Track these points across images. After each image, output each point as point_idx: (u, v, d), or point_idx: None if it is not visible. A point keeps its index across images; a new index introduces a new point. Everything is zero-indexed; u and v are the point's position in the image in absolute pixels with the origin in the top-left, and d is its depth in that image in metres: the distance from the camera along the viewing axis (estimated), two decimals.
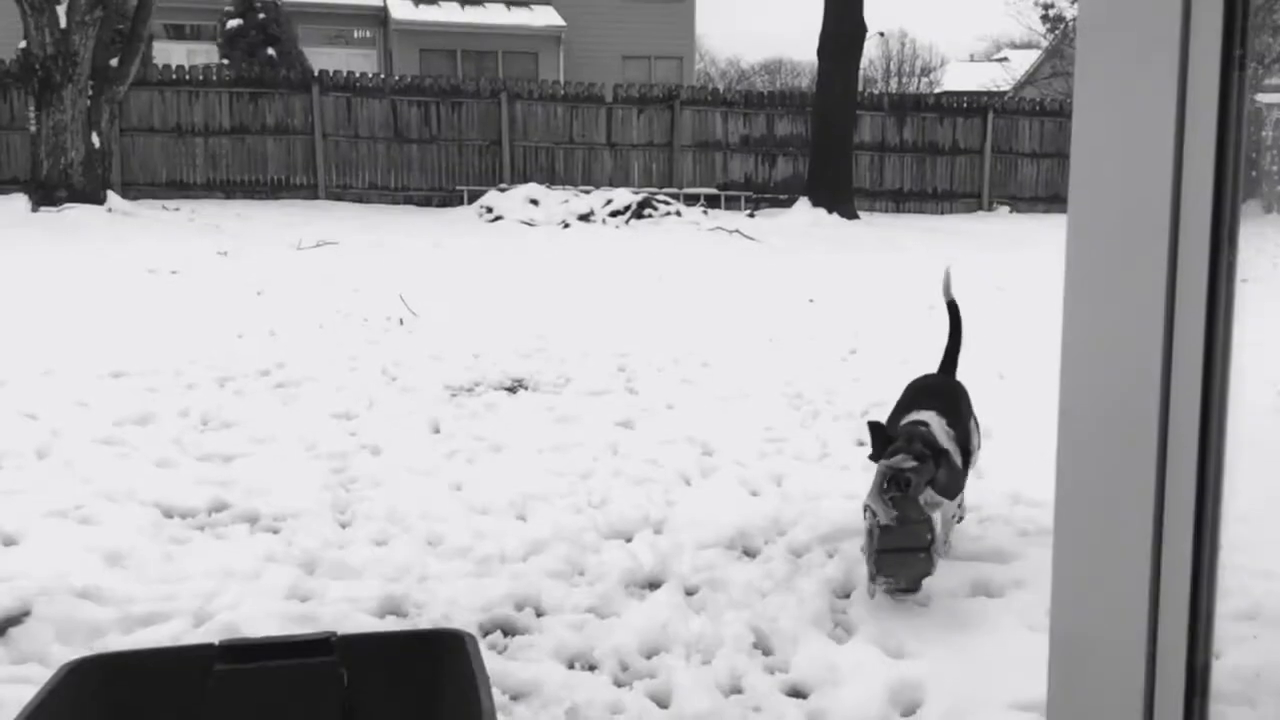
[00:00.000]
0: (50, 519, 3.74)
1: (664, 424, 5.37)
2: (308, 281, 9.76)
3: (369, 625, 3.10)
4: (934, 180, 20.74)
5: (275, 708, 1.81)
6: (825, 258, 13.17)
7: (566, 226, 15.59)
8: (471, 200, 17.65)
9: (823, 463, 4.82)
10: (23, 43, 14.33)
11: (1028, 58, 42.62)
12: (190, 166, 17.86)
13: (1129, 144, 1.00)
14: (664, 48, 29.55)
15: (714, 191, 19.34)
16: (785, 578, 3.46)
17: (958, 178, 20.80)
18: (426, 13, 28.01)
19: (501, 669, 2.83)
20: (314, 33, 27.57)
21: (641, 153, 19.50)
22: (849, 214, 17.87)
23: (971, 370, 6.75)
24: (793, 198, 18.71)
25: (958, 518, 3.83)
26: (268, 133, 18.11)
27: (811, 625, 3.11)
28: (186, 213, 15.32)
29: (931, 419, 3.41)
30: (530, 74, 26.32)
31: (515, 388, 6.12)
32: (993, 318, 8.55)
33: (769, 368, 6.73)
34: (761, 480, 4.52)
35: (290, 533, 3.77)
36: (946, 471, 3.21)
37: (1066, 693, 1.11)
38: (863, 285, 10.67)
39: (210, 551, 3.59)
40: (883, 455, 3.19)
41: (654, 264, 11.86)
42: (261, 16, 22.00)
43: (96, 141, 14.64)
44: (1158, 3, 0.98)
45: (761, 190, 19.84)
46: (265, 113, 18.09)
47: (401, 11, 27.86)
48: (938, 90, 44.24)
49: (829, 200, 17.80)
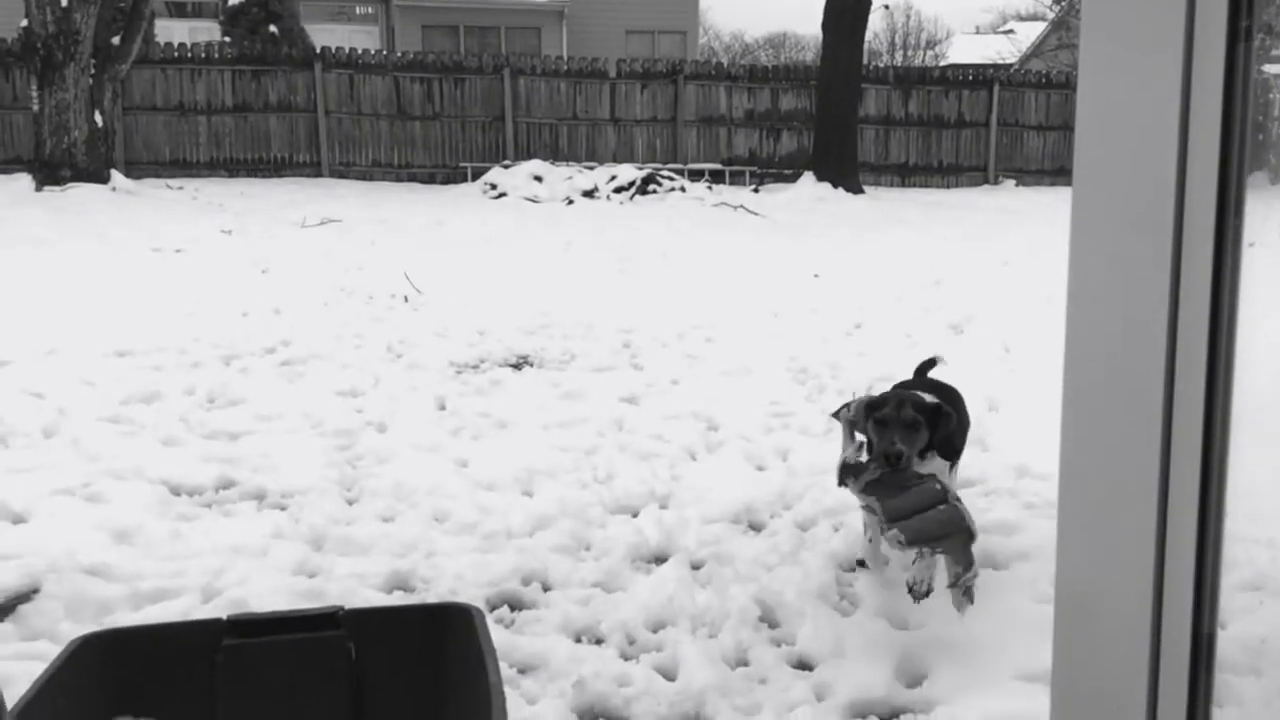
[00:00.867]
0: (58, 497, 3.75)
1: (669, 399, 5.37)
2: (312, 259, 9.75)
3: (376, 600, 3.12)
4: (939, 154, 20.64)
5: (283, 681, 1.82)
6: (830, 233, 13.13)
7: (570, 203, 15.55)
8: (475, 177, 17.60)
9: (828, 437, 4.82)
10: (24, 21, 14.28)
11: (1034, 30, 42.34)
12: (193, 145, 17.81)
13: (1134, 115, 1.00)
14: (667, 22, 29.35)
15: (718, 167, 19.26)
16: (791, 551, 3.47)
17: (963, 151, 20.69)
18: None
19: (509, 643, 2.85)
20: (316, 9, 27.43)
21: (645, 128, 19.42)
22: (854, 188, 17.80)
23: (978, 345, 6.77)
24: (797, 172, 18.63)
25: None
26: (270, 110, 18.05)
27: (817, 598, 3.12)
28: (190, 191, 15.30)
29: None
30: (533, 49, 26.18)
31: (520, 364, 6.13)
32: (998, 292, 8.54)
33: (774, 343, 6.72)
34: (767, 455, 4.53)
35: (297, 509, 3.78)
36: (941, 426, 2.95)
37: (1071, 662, 1.12)
38: (868, 260, 10.64)
39: (218, 528, 3.60)
40: (871, 414, 2.93)
41: (658, 240, 11.83)
42: None
43: (99, 120, 14.61)
44: None
45: (766, 165, 19.75)
46: (268, 90, 18.02)
47: None
48: (943, 63, 43.96)
49: (834, 175, 17.72)
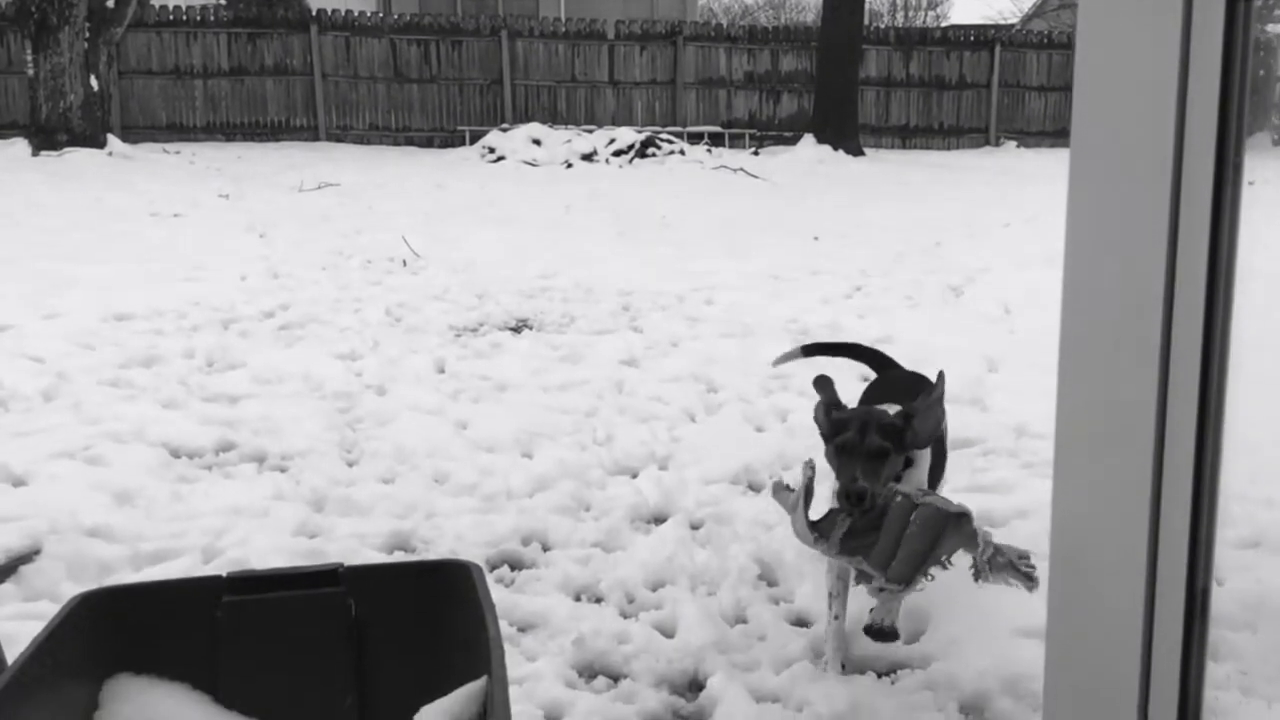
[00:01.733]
0: (58, 459, 3.76)
1: (668, 362, 5.37)
2: (310, 223, 9.72)
3: (377, 560, 3.13)
4: (940, 115, 20.53)
5: (284, 638, 1.83)
6: (830, 195, 13.08)
7: (569, 166, 15.49)
8: (473, 141, 17.52)
9: None
10: None
11: None
12: (190, 109, 17.72)
13: (1133, 74, 0.98)
14: None
15: (718, 130, 19.16)
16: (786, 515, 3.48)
17: (964, 113, 20.58)
18: None
19: (509, 602, 2.86)
20: None
21: (644, 91, 19.30)
22: (854, 151, 17.72)
23: (977, 306, 6.77)
24: (797, 135, 18.54)
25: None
26: (266, 74, 17.94)
27: (816, 557, 3.13)
28: (187, 156, 15.23)
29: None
30: (530, 11, 25.93)
31: (520, 327, 6.12)
32: (999, 254, 8.52)
33: (773, 305, 6.72)
34: (766, 416, 4.53)
35: (298, 471, 3.79)
36: (918, 423, 2.46)
37: (1066, 616, 1.12)
38: (868, 222, 10.60)
39: (218, 490, 3.61)
40: (832, 438, 2.44)
41: (657, 203, 11.79)
42: None
43: (95, 84, 14.52)
44: None
45: (766, 128, 19.65)
46: (264, 53, 17.90)
47: None
48: (944, 23, 43.59)
49: (834, 137, 17.63)
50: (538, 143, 16.14)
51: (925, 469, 2.64)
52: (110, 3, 14.70)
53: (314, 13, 18.48)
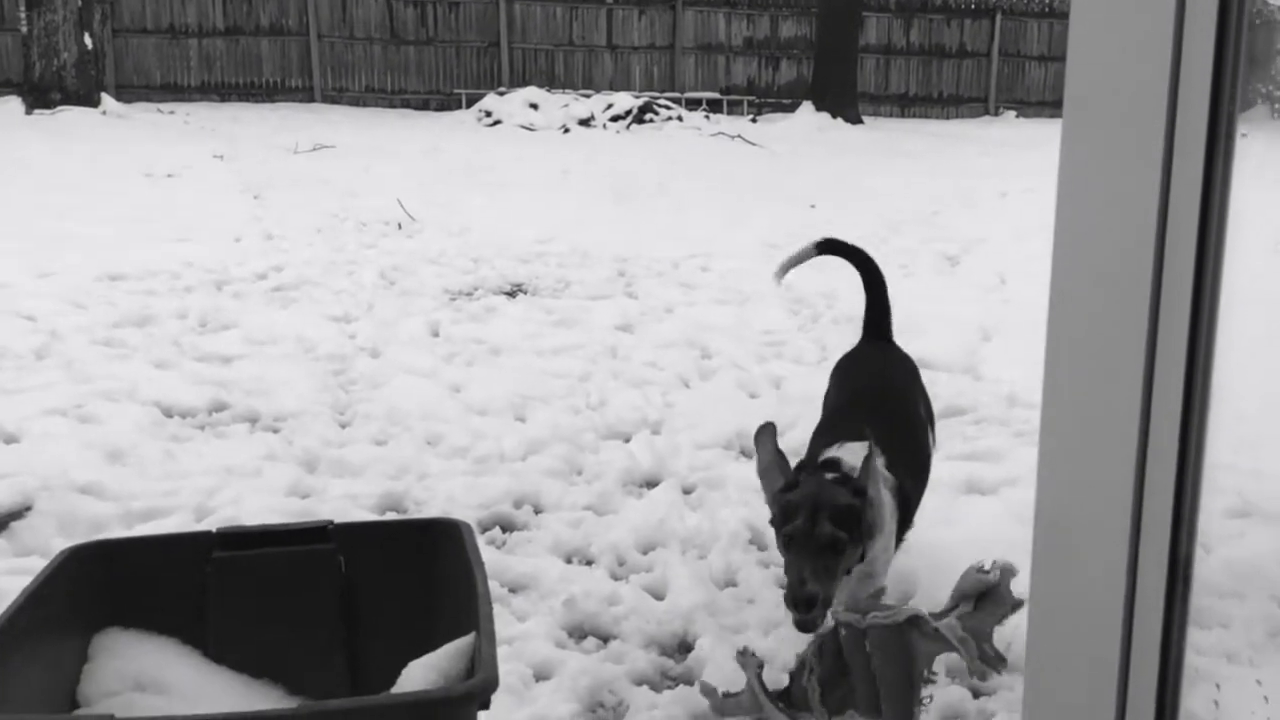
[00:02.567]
0: (51, 417, 3.76)
1: (663, 327, 5.37)
2: (304, 185, 9.66)
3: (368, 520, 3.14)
4: (940, 84, 20.40)
5: (274, 594, 1.84)
6: (828, 163, 13.03)
7: (566, 131, 15.39)
8: (470, 104, 17.38)
9: (821, 366, 4.81)
10: None
11: None
12: (184, 69, 17.56)
13: (1126, 44, 0.97)
14: None
15: (716, 96, 19.03)
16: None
17: (964, 82, 20.46)
18: None
19: (500, 563, 2.87)
20: None
21: (642, 55, 19.16)
22: (853, 119, 17.62)
23: (973, 275, 6.76)
24: (796, 102, 18.42)
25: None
26: (262, 34, 17.76)
27: None
28: (181, 116, 15.11)
29: (855, 459, 2.28)
30: None
31: (514, 292, 6.11)
32: (995, 223, 8.50)
33: (769, 272, 6.69)
34: (760, 383, 4.53)
35: (290, 432, 3.79)
36: (873, 505, 2.16)
37: (1049, 582, 1.12)
38: (865, 191, 10.57)
39: (210, 450, 3.61)
40: (781, 526, 2.16)
41: (655, 169, 11.73)
42: None
43: (89, 43, 14.37)
44: None
45: (765, 94, 19.52)
46: (259, 12, 17.72)
47: None
48: None
49: (833, 105, 17.53)
50: (535, 107, 16.02)
51: (890, 531, 2.28)
52: None
53: None
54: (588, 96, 16.76)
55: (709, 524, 3.13)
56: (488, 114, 16.16)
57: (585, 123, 15.74)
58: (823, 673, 1.87)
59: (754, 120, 17.60)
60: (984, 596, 1.78)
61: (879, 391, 2.73)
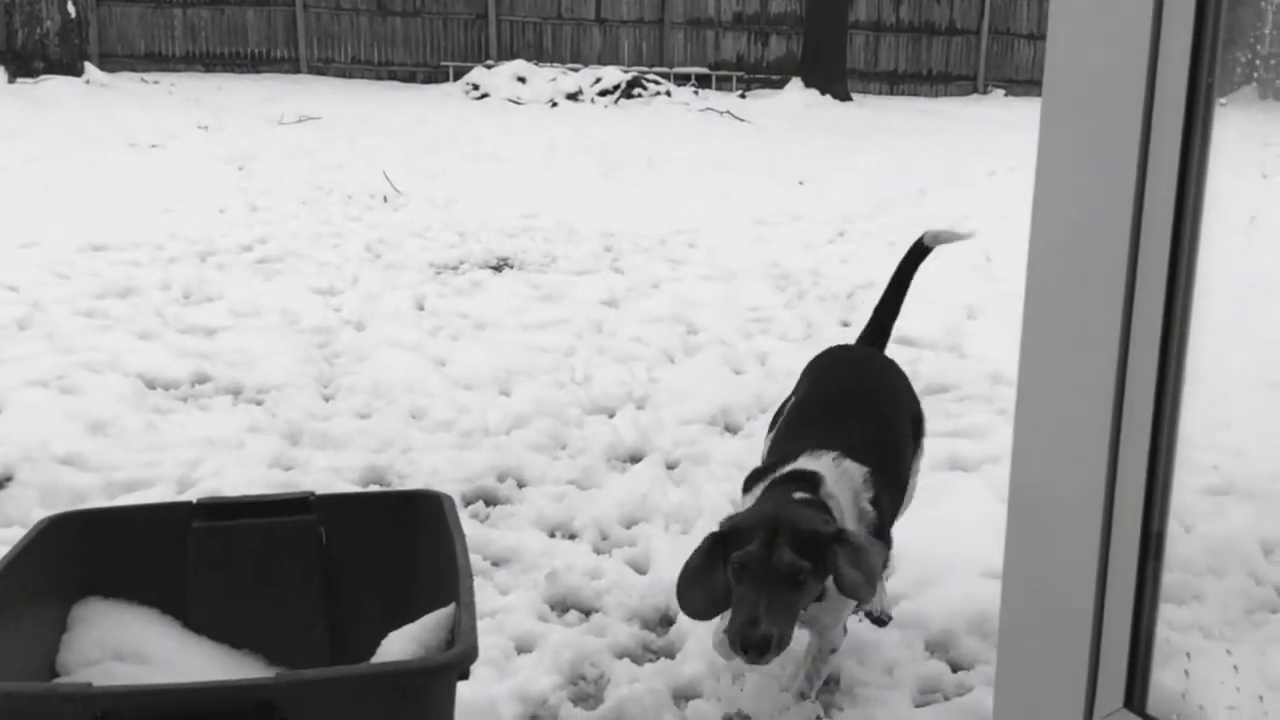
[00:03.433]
0: (32, 388, 3.74)
1: (649, 303, 5.36)
2: (290, 157, 9.59)
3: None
4: (929, 62, 20.35)
5: (254, 564, 1.84)
6: (816, 140, 13.00)
7: (554, 105, 15.31)
8: (457, 77, 17.26)
9: (807, 342, 4.82)
10: None
11: None
12: (169, 38, 17.37)
13: (1107, 20, 0.97)
14: None
15: (705, 71, 18.94)
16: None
17: (953, 59, 20.41)
18: None
19: (483, 536, 2.88)
20: None
21: (631, 30, 19.04)
22: (842, 96, 17.56)
23: (960, 253, 6.75)
24: (785, 78, 18.36)
25: (876, 609, 2.48)
26: (247, 4, 17.58)
27: None
28: (166, 86, 14.97)
29: (828, 471, 2.01)
30: None
31: (501, 266, 6.09)
32: (982, 201, 8.50)
33: (756, 249, 6.70)
34: (745, 359, 4.54)
35: (273, 405, 3.78)
36: (850, 557, 1.80)
37: (1023, 554, 1.13)
38: (853, 168, 10.55)
39: (193, 421, 3.60)
40: (731, 553, 1.85)
41: (642, 144, 11.68)
42: None
43: (72, 11, 14.20)
44: None
45: (754, 70, 19.43)
46: None
47: None
48: None
49: (822, 82, 17.47)
50: (522, 80, 15.92)
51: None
52: None
53: None
54: (576, 70, 16.65)
55: (692, 499, 3.14)
56: (475, 87, 16.05)
57: (573, 97, 15.65)
58: None
59: (743, 96, 17.54)
60: None
61: (863, 395, 2.37)
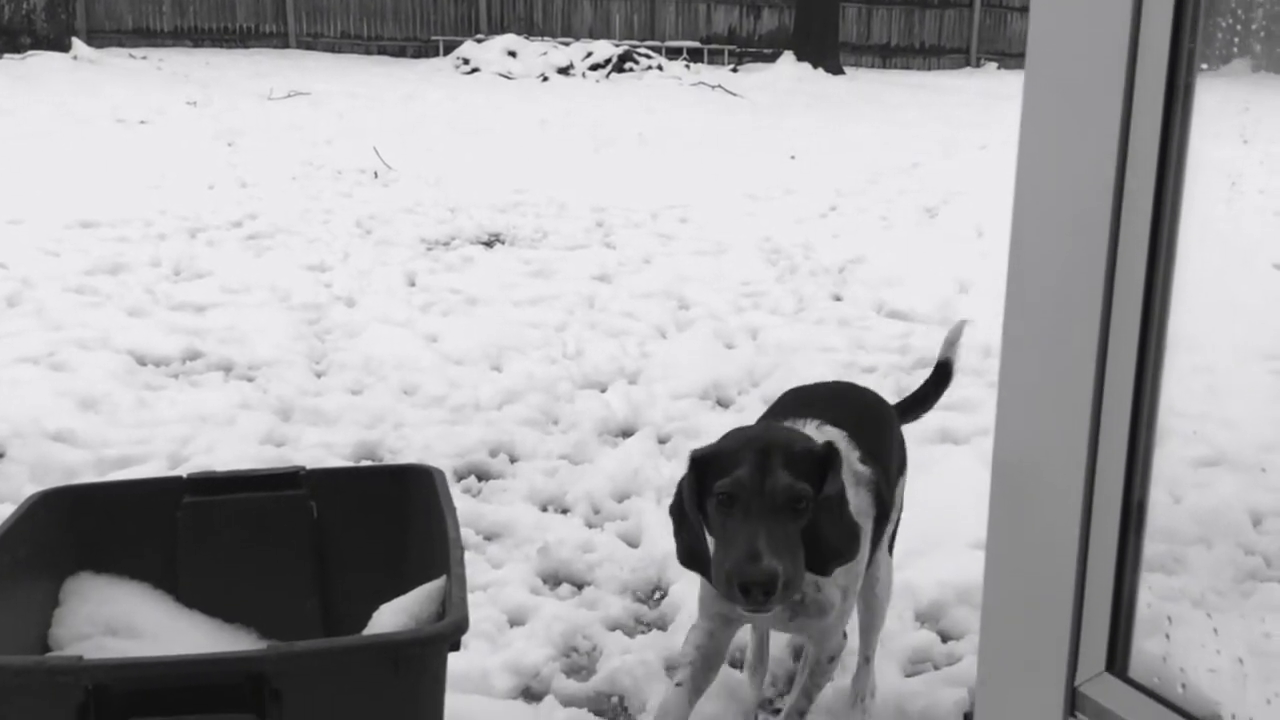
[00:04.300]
0: (22, 365, 3.73)
1: (641, 278, 5.35)
2: (279, 133, 9.54)
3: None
4: (921, 35, 20.28)
5: (245, 539, 1.84)
6: (808, 114, 12.96)
7: (545, 80, 15.23)
8: (447, 51, 17.15)
9: (798, 316, 4.83)
10: None
11: None
12: (157, 13, 17.22)
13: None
14: None
15: (696, 45, 18.84)
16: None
17: (946, 32, 20.34)
18: None
19: (475, 511, 2.88)
20: None
21: (622, 3, 18.92)
22: (834, 69, 17.50)
23: (951, 227, 6.76)
24: (777, 52, 18.27)
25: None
26: None
27: None
28: (154, 61, 14.85)
29: (813, 434, 1.75)
30: None
31: (492, 241, 6.08)
32: (974, 176, 8.49)
33: (748, 223, 6.68)
34: (737, 333, 4.54)
35: (265, 381, 3.78)
36: (834, 513, 1.56)
37: (1006, 521, 1.13)
38: (845, 142, 10.52)
39: (184, 398, 3.60)
40: (711, 484, 1.56)
41: (634, 119, 11.64)
42: None
43: None
44: None
45: (746, 44, 19.34)
46: None
47: None
48: None
49: (814, 55, 17.40)
50: (513, 55, 15.83)
51: (862, 550, 1.70)
52: None
53: None
54: (567, 45, 16.57)
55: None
56: (465, 61, 15.96)
57: (564, 71, 15.58)
58: None
59: (734, 70, 17.46)
60: None
61: (849, 395, 2.11)
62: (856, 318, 4.78)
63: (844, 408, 1.93)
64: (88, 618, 1.69)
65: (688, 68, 16.78)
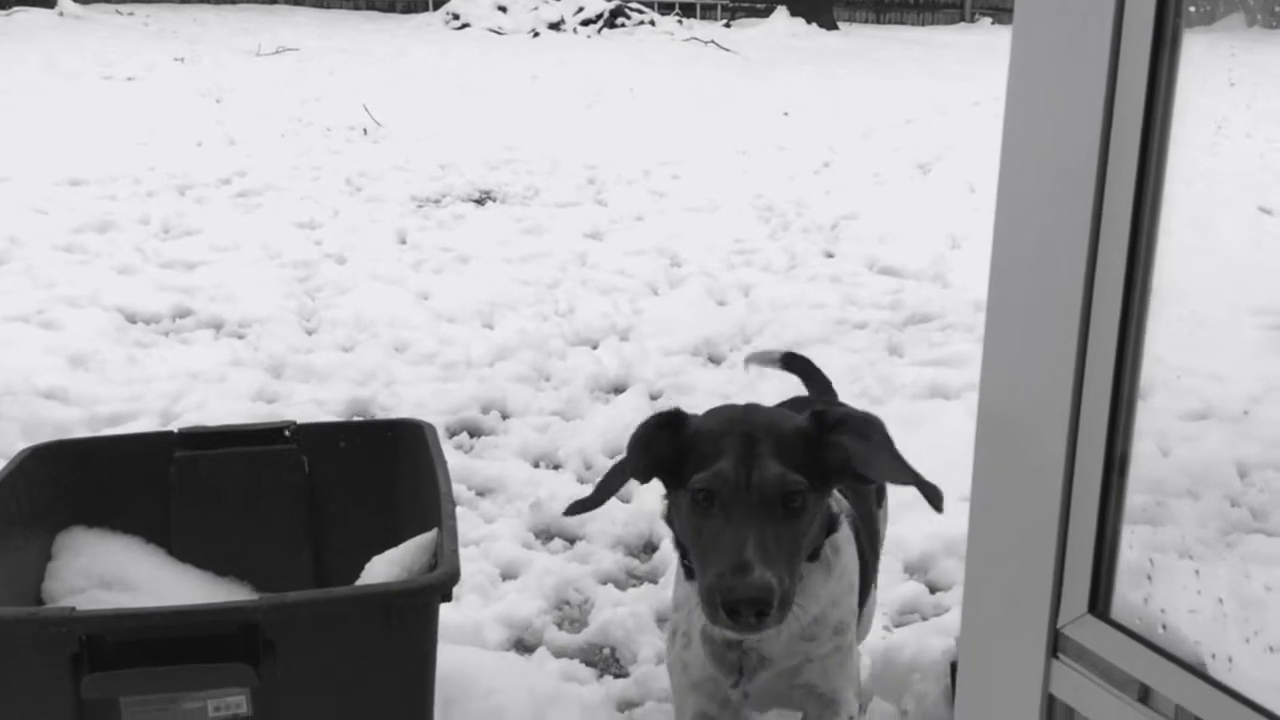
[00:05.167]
0: (12, 323, 3.72)
1: (633, 235, 5.34)
2: (268, 89, 9.45)
3: None
4: None
5: (237, 492, 1.85)
6: (801, 70, 12.86)
7: (536, 35, 15.09)
8: (437, 6, 16.96)
9: (791, 274, 4.83)
10: None
11: None
12: None
13: None
14: None
15: (689, 0, 18.66)
16: (749, 383, 3.50)
17: None
18: None
19: (467, 467, 2.89)
20: None
21: None
22: (828, 24, 17.35)
23: (944, 183, 6.74)
24: (770, 7, 18.09)
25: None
26: None
27: None
28: (141, 17, 14.67)
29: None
30: None
31: (483, 199, 6.05)
32: (968, 132, 8.45)
33: (740, 180, 6.65)
34: (729, 290, 4.54)
35: (256, 338, 3.77)
36: (857, 428, 1.41)
37: (990, 472, 1.14)
38: (839, 98, 10.45)
39: (175, 355, 3.59)
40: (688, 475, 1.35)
41: (626, 75, 11.54)
42: None
43: None
44: None
45: None
46: None
47: None
48: None
49: (808, 10, 17.23)
50: (503, 10, 15.66)
51: (851, 581, 1.49)
52: None
53: None
54: None
55: None
56: (455, 17, 15.79)
57: (555, 26, 15.42)
58: None
59: (727, 25, 17.30)
60: None
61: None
62: (848, 274, 4.77)
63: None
64: (81, 571, 1.70)
65: (680, 23, 16.62)
